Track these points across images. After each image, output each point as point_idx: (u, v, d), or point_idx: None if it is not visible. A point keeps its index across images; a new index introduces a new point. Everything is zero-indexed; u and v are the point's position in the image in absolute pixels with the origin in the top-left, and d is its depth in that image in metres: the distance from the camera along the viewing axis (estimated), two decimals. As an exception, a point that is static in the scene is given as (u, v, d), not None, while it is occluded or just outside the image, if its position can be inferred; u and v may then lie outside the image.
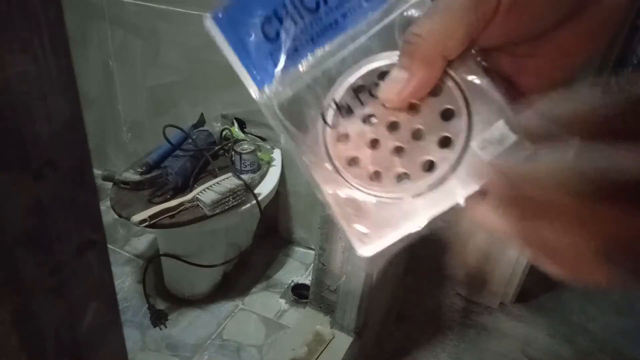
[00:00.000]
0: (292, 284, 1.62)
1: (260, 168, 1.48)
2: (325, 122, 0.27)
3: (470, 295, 1.62)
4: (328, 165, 0.27)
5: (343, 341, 1.23)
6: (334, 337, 1.23)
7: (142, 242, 1.78)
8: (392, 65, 0.26)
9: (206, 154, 1.44)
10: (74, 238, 0.27)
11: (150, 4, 1.57)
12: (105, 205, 1.43)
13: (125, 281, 1.60)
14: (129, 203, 1.28)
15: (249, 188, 1.35)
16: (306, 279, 1.63)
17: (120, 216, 1.25)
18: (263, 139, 1.62)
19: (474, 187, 0.25)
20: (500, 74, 0.27)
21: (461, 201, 0.25)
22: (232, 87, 1.57)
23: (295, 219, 1.76)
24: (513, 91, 0.27)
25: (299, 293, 1.57)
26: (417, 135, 0.26)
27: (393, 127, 0.27)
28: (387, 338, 1.46)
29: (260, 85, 0.28)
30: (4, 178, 0.22)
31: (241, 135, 1.56)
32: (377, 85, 0.26)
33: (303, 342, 1.21)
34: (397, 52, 0.26)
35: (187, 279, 1.53)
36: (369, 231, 0.26)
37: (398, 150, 0.26)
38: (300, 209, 1.72)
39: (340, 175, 0.27)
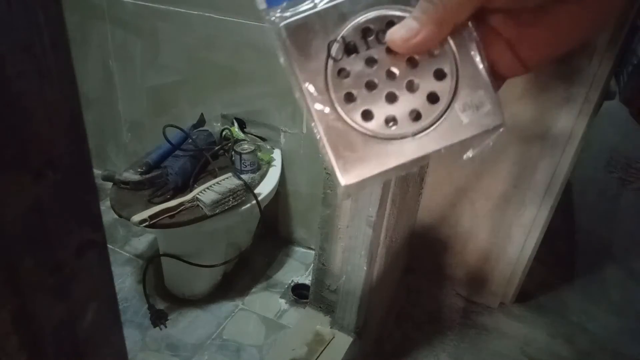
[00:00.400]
0: (292, 284, 1.62)
1: (260, 168, 1.48)
2: (330, 54, 0.29)
3: (470, 295, 1.62)
4: (325, 96, 0.29)
5: (343, 341, 1.23)
6: (334, 337, 1.23)
7: (142, 242, 1.78)
8: (402, 18, 0.28)
9: (206, 154, 1.44)
10: (74, 238, 0.27)
11: (150, 4, 1.56)
12: (105, 205, 1.43)
13: (125, 281, 1.60)
14: (128, 203, 1.28)
15: (249, 188, 1.35)
16: (306, 279, 1.63)
17: (120, 216, 1.25)
18: (263, 139, 1.62)
19: (451, 141, 0.29)
20: (502, 37, 0.29)
21: (434, 150, 0.29)
22: (232, 87, 1.58)
23: (295, 219, 1.76)
24: (512, 57, 0.29)
25: (299, 293, 1.57)
26: (410, 86, 0.29)
27: (391, 75, 0.29)
28: (387, 338, 1.46)
29: (270, 3, 0.29)
30: (4, 178, 0.22)
31: (241, 135, 1.56)
32: (384, 32, 0.28)
33: (303, 342, 1.21)
34: (409, 8, 0.28)
35: (187, 279, 1.53)
36: (353, 163, 0.29)
37: (391, 97, 0.29)
38: (300, 209, 1.72)
39: (335, 108, 0.29)
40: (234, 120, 1.60)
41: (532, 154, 1.32)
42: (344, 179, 0.29)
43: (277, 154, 1.59)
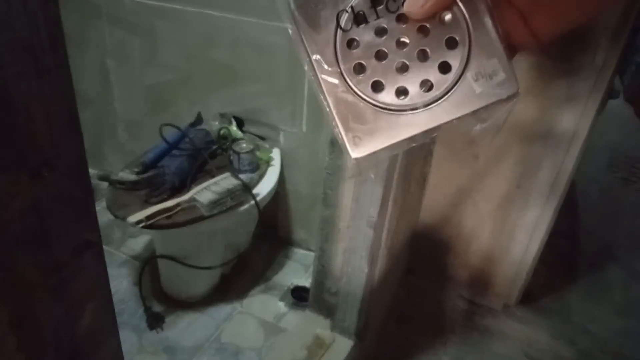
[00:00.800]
0: (291, 287, 1.61)
1: (258, 168, 1.47)
2: (339, 24, 0.28)
3: (473, 297, 1.61)
4: (334, 68, 0.28)
5: (343, 345, 1.21)
6: (334, 341, 1.22)
7: (138, 243, 1.76)
8: None
9: (204, 154, 1.42)
10: (70, 238, 0.27)
11: (148, 2, 1.55)
12: (100, 206, 1.41)
13: (121, 283, 1.58)
14: (125, 203, 1.26)
15: (247, 188, 1.33)
16: (306, 281, 1.62)
17: (116, 217, 1.24)
18: (262, 138, 1.60)
19: (463, 111, 0.28)
20: (515, 8, 0.29)
21: (446, 121, 0.28)
22: (231, 86, 1.56)
23: (294, 220, 1.74)
24: (524, 29, 0.29)
25: (299, 295, 1.55)
26: (421, 56, 0.28)
27: (402, 44, 0.28)
28: (388, 340, 1.45)
29: None
30: (3, 178, 0.22)
31: (239, 134, 1.55)
32: (394, 1, 0.28)
33: (303, 346, 1.20)
34: None
35: (184, 281, 1.51)
36: (363, 135, 0.28)
37: (402, 67, 0.29)
38: (300, 209, 1.70)
39: (345, 79, 0.28)
40: (232, 119, 1.59)
41: (535, 154, 1.31)
42: (354, 152, 0.29)
43: (276, 154, 1.57)
